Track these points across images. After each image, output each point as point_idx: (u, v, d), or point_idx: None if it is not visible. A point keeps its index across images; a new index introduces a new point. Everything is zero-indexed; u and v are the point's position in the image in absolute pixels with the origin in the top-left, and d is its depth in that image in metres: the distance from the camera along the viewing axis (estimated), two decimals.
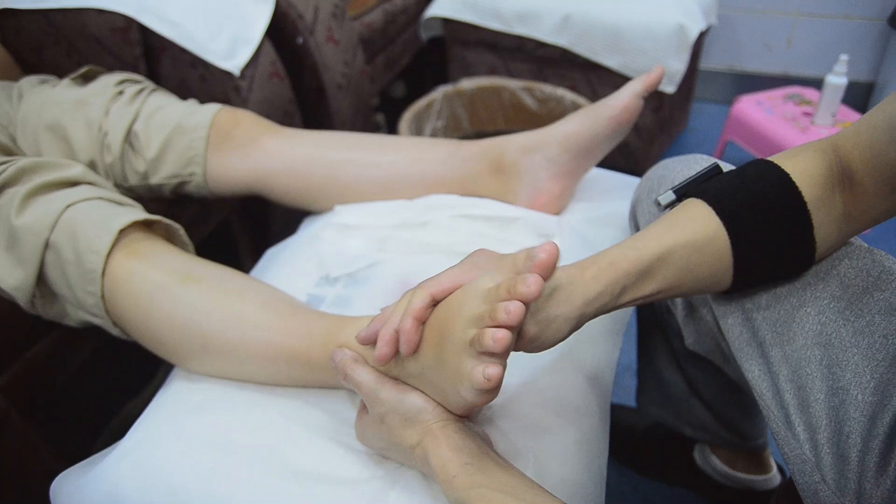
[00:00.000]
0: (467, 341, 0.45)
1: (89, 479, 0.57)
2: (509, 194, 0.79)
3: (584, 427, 0.60)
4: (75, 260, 0.63)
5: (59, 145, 0.80)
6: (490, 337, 0.43)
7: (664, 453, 1.07)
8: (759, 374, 0.56)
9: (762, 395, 0.56)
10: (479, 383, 0.44)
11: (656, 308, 0.83)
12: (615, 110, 0.74)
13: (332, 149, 0.83)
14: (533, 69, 1.68)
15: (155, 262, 0.65)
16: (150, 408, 0.63)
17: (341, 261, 0.74)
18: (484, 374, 0.44)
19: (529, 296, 0.43)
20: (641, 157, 1.64)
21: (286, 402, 0.61)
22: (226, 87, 1.03)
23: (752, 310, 0.57)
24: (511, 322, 0.43)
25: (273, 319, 0.62)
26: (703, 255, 0.53)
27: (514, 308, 0.43)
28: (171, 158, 0.82)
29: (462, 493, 0.46)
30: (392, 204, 0.80)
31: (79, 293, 0.64)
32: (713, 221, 0.53)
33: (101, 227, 0.64)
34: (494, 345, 0.43)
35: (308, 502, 0.52)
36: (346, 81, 1.24)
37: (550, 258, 0.44)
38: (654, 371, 0.93)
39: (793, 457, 0.53)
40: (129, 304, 0.63)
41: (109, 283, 0.63)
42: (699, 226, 0.53)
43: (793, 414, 0.53)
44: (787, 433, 0.53)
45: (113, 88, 0.84)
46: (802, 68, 2.08)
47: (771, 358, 0.55)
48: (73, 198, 0.67)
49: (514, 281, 0.44)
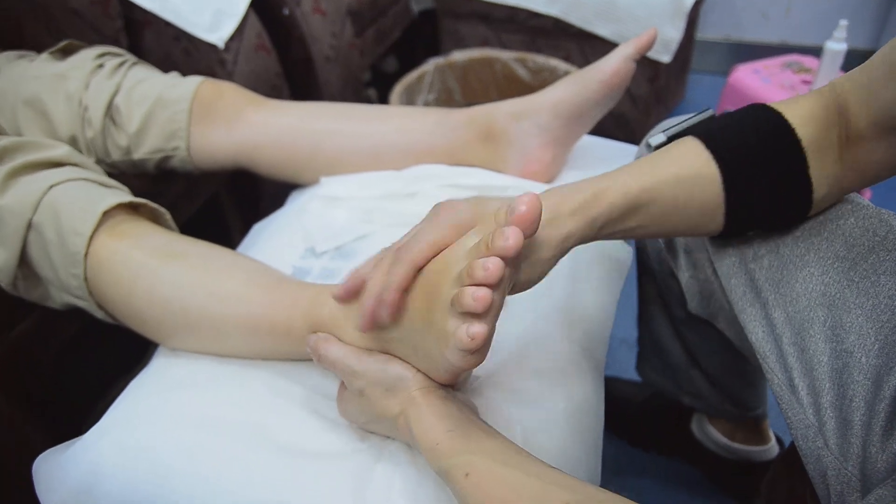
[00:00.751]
0: (452, 297, 0.43)
1: (69, 457, 0.56)
2: (499, 163, 0.77)
3: (575, 398, 0.59)
4: (58, 242, 0.62)
5: (38, 121, 0.78)
6: (470, 296, 0.41)
7: (661, 425, 1.06)
8: (763, 336, 0.55)
9: (765, 357, 0.55)
10: (464, 343, 0.42)
11: (658, 273, 0.82)
12: (605, 74, 0.72)
13: (317, 120, 0.81)
14: (526, 40, 1.65)
15: (138, 241, 0.64)
16: (130, 386, 0.62)
17: (328, 233, 0.73)
18: (468, 332, 0.42)
19: (508, 251, 0.40)
20: (637, 127, 1.61)
21: (270, 376, 0.60)
22: (211, 61, 1.01)
23: (756, 270, 0.56)
24: (490, 280, 0.40)
25: (254, 293, 0.60)
26: (692, 190, 0.51)
27: (493, 265, 0.40)
28: (154, 132, 0.80)
29: (445, 461, 0.45)
30: (379, 175, 0.78)
31: (62, 275, 0.63)
32: (703, 156, 0.51)
33: (85, 208, 0.63)
34: (475, 304, 0.41)
35: (293, 477, 0.51)
36: (334, 53, 1.21)
37: (531, 211, 0.41)
38: (653, 339, 0.92)
39: (796, 421, 0.52)
40: (111, 284, 0.62)
41: (92, 264, 0.62)
42: (689, 161, 0.51)
43: (796, 377, 0.52)
44: (790, 397, 0.52)
45: (93, 62, 0.82)
46: (801, 37, 2.05)
47: (774, 319, 0.54)
48: (56, 178, 0.65)
49: (492, 235, 0.41)
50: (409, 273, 0.48)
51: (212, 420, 0.55)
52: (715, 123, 0.54)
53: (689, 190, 0.51)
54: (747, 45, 2.11)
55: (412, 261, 0.48)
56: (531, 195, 0.42)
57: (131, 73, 0.82)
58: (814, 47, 1.95)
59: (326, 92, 1.22)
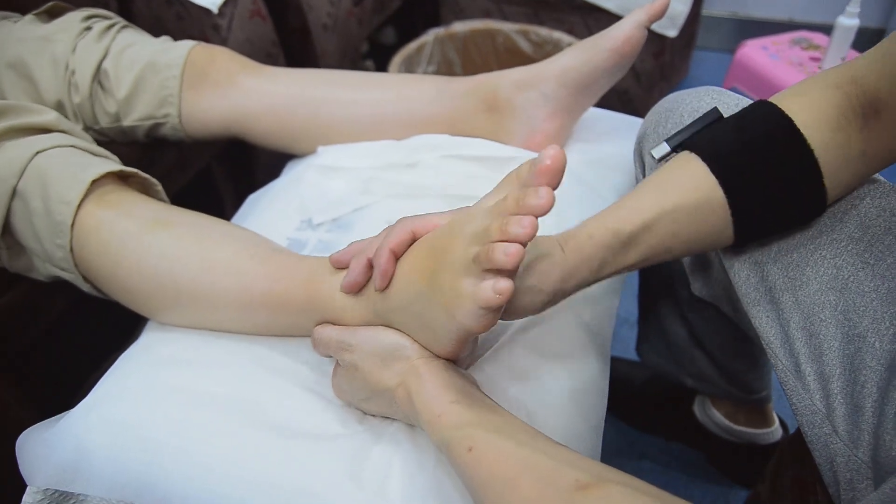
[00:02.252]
0: (469, 259, 0.41)
1: (54, 434, 0.53)
2: (503, 133, 0.75)
3: (582, 377, 0.57)
4: (43, 210, 0.59)
5: (22, 85, 0.75)
6: (501, 251, 0.39)
7: (662, 407, 1.05)
8: (767, 322, 0.53)
9: (770, 342, 0.53)
10: (488, 299, 0.40)
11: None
12: (616, 41, 0.69)
13: (313, 87, 0.78)
14: (528, 13, 1.62)
15: (127, 211, 0.61)
16: (119, 361, 0.59)
17: (325, 204, 0.70)
18: (495, 287, 0.40)
19: (542, 209, 0.39)
20: (641, 104, 1.58)
21: (263, 351, 0.58)
22: (204, 26, 0.98)
23: (762, 255, 0.54)
24: (524, 237, 0.39)
25: (250, 264, 0.58)
26: (695, 218, 0.49)
27: (528, 222, 0.39)
28: (144, 98, 0.77)
29: (448, 432, 0.43)
30: (378, 144, 0.75)
31: (47, 245, 0.60)
32: (707, 180, 0.49)
33: (73, 176, 0.60)
34: (507, 259, 0.39)
35: (286, 456, 0.49)
36: (331, 21, 1.18)
37: (556, 163, 0.39)
38: (655, 320, 0.90)
39: (802, 408, 0.50)
40: (98, 255, 0.59)
41: (78, 235, 0.59)
42: (691, 186, 0.49)
43: (803, 363, 0.50)
44: (795, 383, 0.50)
45: (80, 24, 0.79)
46: (809, 14, 2.01)
47: (782, 304, 0.52)
48: (43, 144, 0.62)
49: (523, 193, 0.39)
50: (406, 236, 0.47)
51: (202, 397, 0.53)
52: (718, 134, 0.51)
53: (690, 218, 0.49)
54: (753, 22, 2.08)
55: (412, 228, 0.47)
56: (554, 147, 0.40)
57: (120, 37, 0.79)
58: (821, 25, 1.92)
59: (323, 62, 1.19)
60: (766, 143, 0.48)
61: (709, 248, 0.53)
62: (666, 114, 0.63)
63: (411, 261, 0.47)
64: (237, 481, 0.49)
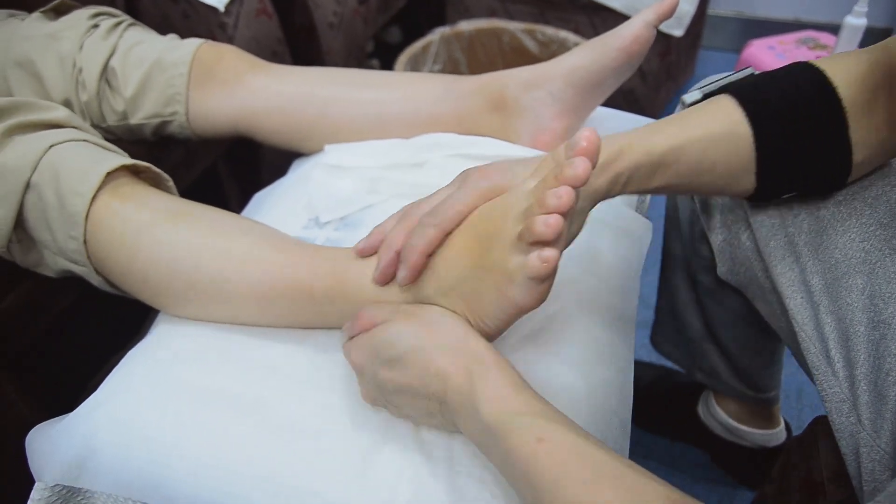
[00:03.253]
0: (515, 237, 0.44)
1: (62, 431, 0.53)
2: (510, 132, 0.74)
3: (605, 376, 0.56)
4: (57, 203, 0.59)
5: (30, 83, 0.75)
6: (542, 223, 0.41)
7: (667, 407, 1.04)
8: (801, 303, 0.53)
9: (803, 325, 0.53)
10: (536, 268, 0.42)
11: (687, 235, 0.80)
12: (625, 41, 0.69)
13: (321, 86, 0.77)
14: (534, 12, 1.61)
15: (141, 201, 0.61)
16: (126, 358, 0.59)
17: (332, 203, 0.70)
18: (540, 255, 0.41)
19: (579, 180, 0.40)
20: (647, 103, 1.58)
21: (274, 349, 0.57)
22: (210, 25, 0.98)
23: (795, 234, 0.54)
24: (562, 206, 0.40)
25: (269, 252, 0.58)
26: (721, 148, 0.49)
27: (565, 192, 0.40)
28: (151, 96, 0.77)
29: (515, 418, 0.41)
30: (386, 143, 0.75)
31: (60, 238, 0.60)
32: (735, 113, 0.49)
33: (87, 169, 0.60)
34: (548, 230, 0.40)
35: (294, 456, 0.49)
36: (337, 20, 1.18)
37: (592, 144, 0.41)
38: (672, 308, 0.90)
39: (831, 395, 0.50)
40: (112, 245, 0.59)
41: (92, 226, 0.59)
42: (719, 117, 0.50)
43: (832, 348, 0.50)
44: (826, 368, 0.50)
45: (87, 22, 0.78)
46: (815, 13, 2.01)
47: (812, 287, 0.52)
48: (57, 138, 0.62)
49: (560, 167, 0.41)
50: (437, 238, 0.48)
51: (209, 394, 0.53)
52: (751, 79, 0.52)
53: (718, 149, 0.49)
54: (759, 22, 2.07)
55: (441, 226, 0.48)
56: (589, 129, 0.42)
57: (127, 35, 0.79)
58: (828, 24, 1.91)
59: (329, 60, 1.19)
60: (796, 91, 0.49)
61: (731, 187, 0.53)
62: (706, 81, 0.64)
63: (458, 243, 0.49)
64: (244, 480, 0.48)
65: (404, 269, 0.48)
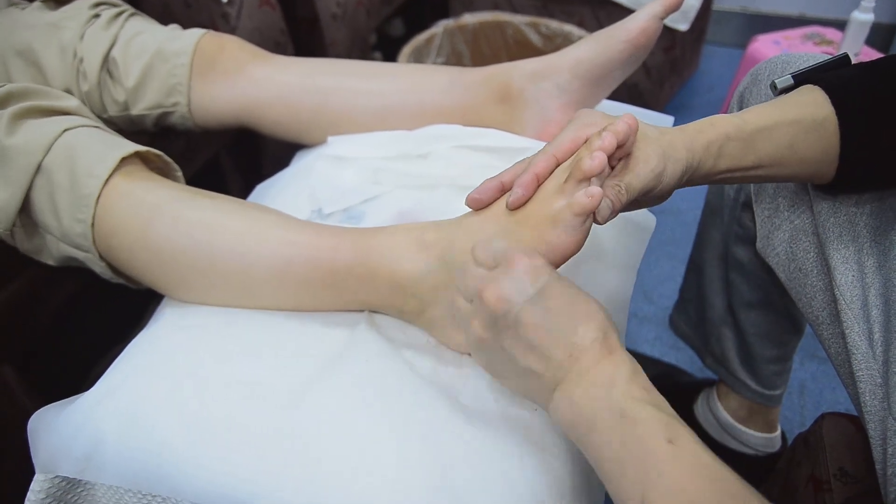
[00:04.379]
0: (561, 184, 0.48)
1: (67, 422, 0.53)
2: (516, 124, 0.74)
3: None
4: (69, 185, 0.59)
5: (30, 72, 0.75)
6: (588, 158, 0.45)
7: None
8: (852, 281, 0.54)
9: (850, 304, 0.53)
10: (582, 203, 0.45)
11: (729, 204, 0.80)
12: (632, 33, 0.68)
13: (324, 76, 0.77)
14: (537, 4, 1.60)
15: (155, 185, 0.61)
16: (129, 347, 0.58)
17: (335, 194, 0.69)
18: (587, 192, 0.45)
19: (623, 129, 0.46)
20: (651, 98, 1.57)
21: (283, 338, 0.57)
22: (212, 15, 0.97)
23: (857, 214, 0.55)
24: (607, 146, 0.45)
25: (288, 231, 0.58)
26: (811, 136, 0.50)
27: (608, 134, 0.45)
28: (153, 87, 0.76)
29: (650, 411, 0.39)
30: (389, 134, 0.75)
31: (66, 222, 0.60)
32: (825, 108, 0.50)
33: (102, 153, 0.60)
34: (593, 163, 0.45)
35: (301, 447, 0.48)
36: (341, 11, 1.17)
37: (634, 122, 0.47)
38: (698, 287, 0.91)
39: (867, 377, 0.51)
40: (123, 226, 0.59)
41: (103, 208, 0.59)
42: (809, 109, 0.50)
43: (876, 331, 0.51)
44: (867, 350, 0.51)
45: (88, 11, 0.78)
46: (821, 9, 1.99)
47: (865, 267, 0.53)
48: (72, 123, 0.62)
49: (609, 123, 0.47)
50: (548, 162, 0.50)
51: (215, 385, 0.52)
52: (846, 73, 0.52)
53: (808, 137, 0.50)
54: (764, 17, 2.06)
55: (553, 153, 0.50)
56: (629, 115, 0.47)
57: (129, 25, 0.78)
58: (833, 20, 1.90)
59: (332, 52, 1.18)
60: (884, 85, 0.50)
61: (813, 176, 0.54)
62: (782, 65, 0.65)
63: (495, 204, 0.52)
64: (249, 472, 0.48)
65: (517, 190, 0.50)
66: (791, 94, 0.53)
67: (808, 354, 1.19)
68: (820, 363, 1.18)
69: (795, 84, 0.55)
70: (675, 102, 1.85)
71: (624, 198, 0.47)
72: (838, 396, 1.12)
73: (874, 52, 1.45)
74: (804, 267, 0.62)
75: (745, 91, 0.70)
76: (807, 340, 0.99)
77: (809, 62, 0.62)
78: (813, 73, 0.54)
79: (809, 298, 0.62)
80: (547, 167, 0.50)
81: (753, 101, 0.68)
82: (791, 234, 0.63)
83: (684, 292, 0.97)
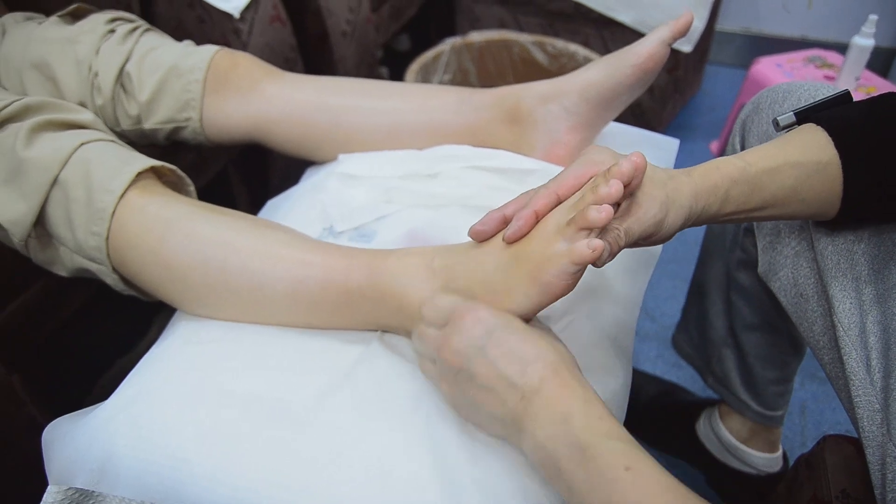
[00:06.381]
0: (563, 225, 0.47)
1: (81, 434, 0.53)
2: (524, 145, 0.75)
3: (606, 391, 0.56)
4: (85, 199, 0.60)
5: (45, 85, 0.75)
6: (595, 210, 0.44)
7: (666, 422, 1.04)
8: (850, 308, 0.54)
9: (848, 330, 0.54)
10: (582, 254, 0.44)
11: (731, 229, 0.81)
12: (640, 58, 0.69)
13: (336, 95, 0.78)
14: (543, 24, 1.62)
15: (170, 200, 0.62)
16: (145, 359, 0.59)
17: (345, 212, 0.70)
18: (589, 244, 0.44)
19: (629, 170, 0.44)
20: (654, 117, 1.59)
21: (297, 352, 0.57)
22: (225, 30, 0.98)
23: (854, 241, 0.56)
24: (614, 195, 0.44)
25: (302, 251, 0.59)
26: (812, 179, 0.51)
27: (615, 183, 0.44)
28: (166, 102, 0.77)
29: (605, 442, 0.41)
30: (400, 153, 0.75)
31: (80, 235, 0.60)
32: (828, 151, 0.50)
33: (118, 168, 0.61)
34: (599, 216, 0.43)
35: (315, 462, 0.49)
36: (350, 28, 1.18)
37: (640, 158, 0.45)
38: (699, 309, 0.91)
39: (865, 402, 0.51)
40: (137, 240, 0.60)
41: (118, 222, 0.60)
42: (812, 151, 0.51)
43: (874, 358, 0.51)
44: (865, 376, 0.52)
45: (104, 26, 0.79)
46: (822, 32, 2.02)
47: (864, 295, 0.54)
48: (88, 136, 0.63)
49: (615, 162, 0.45)
50: (549, 199, 0.50)
51: (230, 399, 0.53)
52: (847, 113, 0.53)
53: (811, 179, 0.51)
54: (767, 39, 2.08)
55: (555, 189, 0.50)
56: (638, 154, 0.46)
57: (144, 40, 0.79)
58: (835, 42, 1.92)
59: (341, 68, 1.19)
60: (886, 125, 0.51)
61: (817, 215, 0.54)
62: (783, 94, 0.66)
63: (497, 238, 0.52)
64: (264, 487, 0.48)
65: (515, 224, 0.50)
66: (794, 132, 0.54)
67: (809, 375, 1.19)
68: (821, 384, 1.18)
69: (797, 121, 0.56)
70: (678, 122, 1.87)
71: (622, 242, 0.47)
72: (839, 417, 1.13)
73: (874, 76, 1.47)
74: (805, 292, 0.63)
75: (747, 119, 0.71)
76: (808, 361, 0.99)
77: (811, 92, 0.63)
78: (814, 111, 0.55)
79: (810, 323, 0.63)
80: (547, 204, 0.50)
81: (755, 128, 0.68)
82: (793, 260, 0.64)
83: (686, 313, 0.98)
